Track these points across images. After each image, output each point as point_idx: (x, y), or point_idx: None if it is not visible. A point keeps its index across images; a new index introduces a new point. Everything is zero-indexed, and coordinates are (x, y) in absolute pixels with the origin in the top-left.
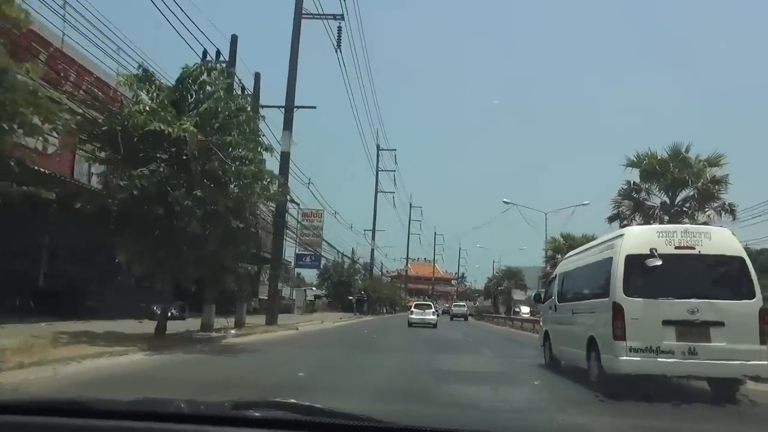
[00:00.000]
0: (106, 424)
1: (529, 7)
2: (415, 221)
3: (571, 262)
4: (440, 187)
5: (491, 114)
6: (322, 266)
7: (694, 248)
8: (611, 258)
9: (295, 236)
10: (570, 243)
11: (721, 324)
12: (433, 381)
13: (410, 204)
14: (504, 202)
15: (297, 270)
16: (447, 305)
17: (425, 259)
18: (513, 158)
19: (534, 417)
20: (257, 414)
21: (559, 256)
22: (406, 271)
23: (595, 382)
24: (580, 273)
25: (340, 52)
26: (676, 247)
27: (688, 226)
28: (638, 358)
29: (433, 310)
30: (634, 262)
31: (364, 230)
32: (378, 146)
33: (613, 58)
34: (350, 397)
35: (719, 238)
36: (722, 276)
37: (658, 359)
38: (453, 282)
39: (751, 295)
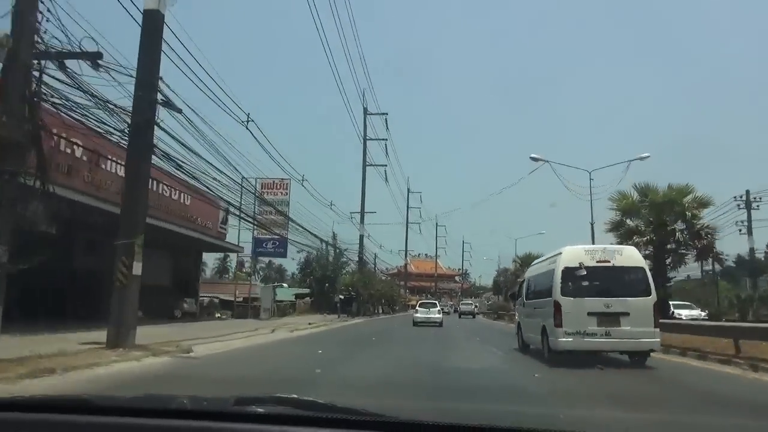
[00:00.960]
0: (110, 421)
1: None
2: (413, 208)
3: (533, 270)
4: (441, 173)
5: (498, 91)
6: (303, 258)
7: (609, 261)
8: (554, 269)
9: (247, 214)
10: (652, 197)
11: (627, 314)
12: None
13: (408, 189)
14: (532, 158)
15: (264, 260)
16: (451, 303)
17: (426, 254)
18: (525, 140)
19: (537, 412)
20: (260, 409)
21: (630, 222)
22: (405, 265)
23: (546, 357)
24: (538, 279)
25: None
26: (597, 261)
27: (606, 246)
28: (571, 339)
29: (438, 308)
30: (568, 272)
31: (351, 213)
32: (365, 109)
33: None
34: (354, 393)
35: (627, 254)
36: (628, 280)
37: (585, 339)
38: (456, 278)
39: (648, 293)
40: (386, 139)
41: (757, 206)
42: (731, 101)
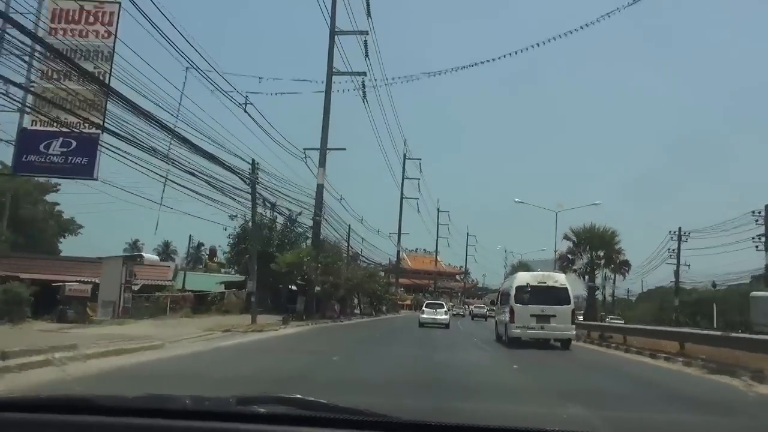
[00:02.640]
0: (112, 421)
1: None
2: (411, 179)
3: (503, 286)
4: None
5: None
6: (238, 229)
7: (545, 283)
8: (512, 286)
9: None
10: None
11: (554, 316)
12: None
13: (404, 154)
14: None
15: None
16: (451, 303)
17: (425, 250)
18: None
19: (539, 411)
20: (262, 409)
21: None
22: (398, 254)
23: (506, 342)
24: (504, 292)
25: None
26: (538, 282)
27: (544, 272)
28: (519, 331)
29: (445, 309)
30: (520, 289)
31: (305, 149)
32: None
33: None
34: (357, 393)
35: (557, 278)
36: (557, 295)
37: (527, 331)
38: (457, 277)
39: (568, 303)
40: (367, 33)
41: None
42: None
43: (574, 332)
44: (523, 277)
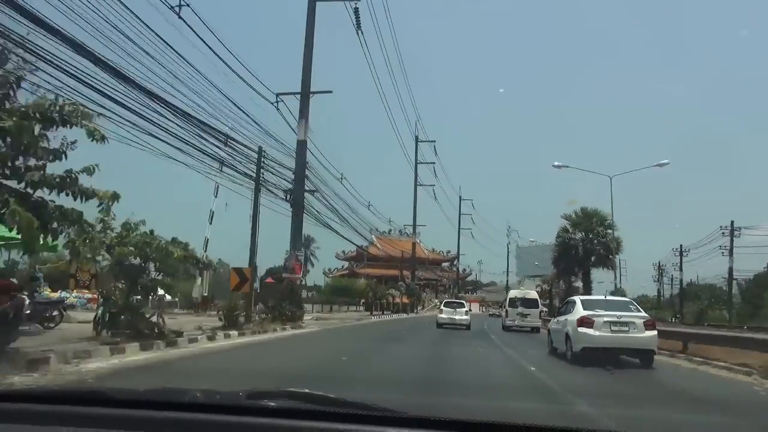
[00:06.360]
0: (125, 413)
1: None
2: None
3: (504, 297)
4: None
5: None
6: None
7: (525, 296)
8: (507, 297)
9: None
10: None
11: (529, 314)
12: None
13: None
14: None
15: None
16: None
17: (400, 231)
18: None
19: (548, 408)
20: (271, 403)
21: None
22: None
23: (504, 329)
24: (504, 300)
25: None
26: (522, 295)
27: (525, 290)
28: (510, 322)
29: (465, 309)
30: (511, 299)
31: None
32: None
33: None
34: (365, 388)
35: (532, 293)
36: (531, 302)
37: (515, 322)
38: (444, 265)
39: (537, 307)
40: None
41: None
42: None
43: (540, 323)
44: (513, 293)
